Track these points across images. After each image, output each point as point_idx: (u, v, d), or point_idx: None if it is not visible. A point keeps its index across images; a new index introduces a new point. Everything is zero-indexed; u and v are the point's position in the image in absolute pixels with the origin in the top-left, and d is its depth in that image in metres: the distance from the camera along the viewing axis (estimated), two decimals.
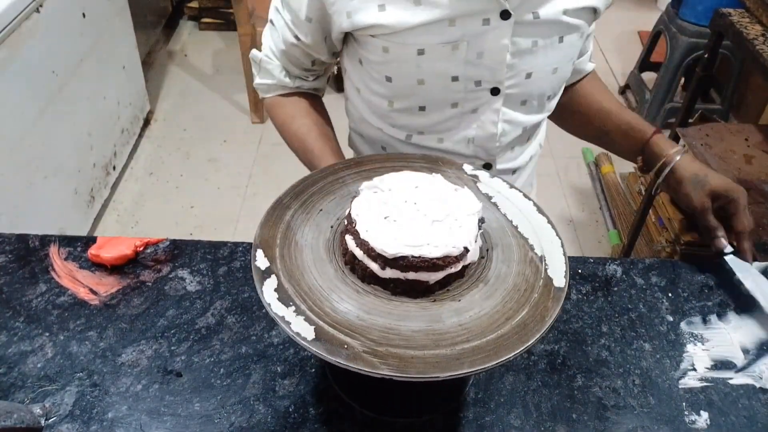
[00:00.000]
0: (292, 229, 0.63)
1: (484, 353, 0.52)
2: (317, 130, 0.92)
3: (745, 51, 1.48)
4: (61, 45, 1.89)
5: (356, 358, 0.51)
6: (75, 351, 0.74)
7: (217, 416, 0.68)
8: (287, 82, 0.93)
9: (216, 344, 0.75)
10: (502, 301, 0.58)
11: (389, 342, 0.53)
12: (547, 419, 0.69)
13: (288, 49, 0.89)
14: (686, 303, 0.83)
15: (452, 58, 0.78)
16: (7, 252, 0.86)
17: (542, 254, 0.62)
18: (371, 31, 0.78)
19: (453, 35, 0.77)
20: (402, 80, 0.82)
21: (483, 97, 0.84)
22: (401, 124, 0.89)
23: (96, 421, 0.67)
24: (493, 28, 0.77)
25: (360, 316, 0.55)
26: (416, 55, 0.78)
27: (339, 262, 0.61)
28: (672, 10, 2.56)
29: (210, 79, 3.03)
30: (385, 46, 0.79)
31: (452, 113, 0.85)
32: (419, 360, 0.52)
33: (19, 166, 1.70)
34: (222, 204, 2.36)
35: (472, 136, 0.88)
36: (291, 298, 0.56)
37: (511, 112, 0.87)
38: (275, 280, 0.57)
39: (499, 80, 0.82)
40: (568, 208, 2.41)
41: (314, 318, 0.54)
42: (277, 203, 0.66)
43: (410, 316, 0.56)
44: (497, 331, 0.55)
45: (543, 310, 0.56)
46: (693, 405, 0.71)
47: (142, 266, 0.85)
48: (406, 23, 0.76)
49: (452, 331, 0.55)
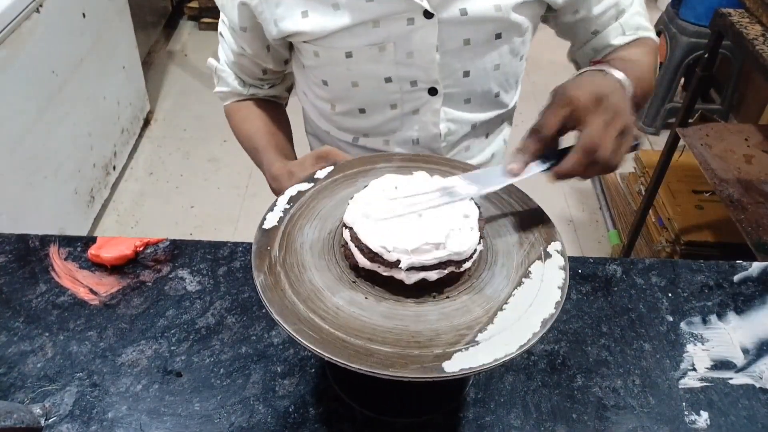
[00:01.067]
0: (292, 228, 0.63)
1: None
2: (265, 128, 0.93)
3: (745, 51, 1.48)
4: (61, 45, 1.89)
5: (356, 358, 0.51)
6: (75, 351, 0.74)
7: (217, 416, 0.68)
8: (241, 90, 0.95)
9: (216, 344, 0.75)
10: (517, 271, 0.59)
11: (389, 342, 0.53)
12: (547, 419, 0.69)
13: (237, 60, 0.91)
14: (686, 303, 0.83)
15: (381, 59, 0.79)
16: (7, 252, 0.86)
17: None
18: (298, 38, 0.80)
19: (378, 36, 0.77)
20: (337, 83, 0.84)
21: (422, 98, 0.84)
22: (346, 126, 0.91)
23: (96, 421, 0.67)
24: (419, 28, 0.77)
25: (360, 316, 0.55)
26: (345, 58, 0.79)
27: (339, 262, 0.61)
28: (672, 10, 2.56)
29: (210, 79, 3.02)
30: (316, 51, 0.81)
31: (393, 114, 0.86)
32: (419, 360, 0.52)
33: (19, 166, 1.70)
34: (222, 204, 2.36)
35: (416, 137, 0.88)
36: (278, 275, 0.57)
37: (454, 111, 0.87)
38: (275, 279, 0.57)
39: (434, 80, 0.82)
40: (568, 208, 2.41)
41: (314, 318, 0.54)
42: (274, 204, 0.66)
43: (411, 316, 0.56)
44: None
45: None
46: (693, 405, 0.71)
47: (142, 266, 0.85)
48: (326, 28, 0.77)
49: (452, 331, 0.55)
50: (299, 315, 0.54)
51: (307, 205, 0.66)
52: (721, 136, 1.66)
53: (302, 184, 0.68)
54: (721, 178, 1.52)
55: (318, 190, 0.68)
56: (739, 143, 1.64)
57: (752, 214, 1.42)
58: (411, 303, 0.57)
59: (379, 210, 0.59)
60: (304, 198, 0.67)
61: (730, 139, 1.65)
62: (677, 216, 1.86)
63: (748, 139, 1.66)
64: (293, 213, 0.65)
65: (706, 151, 1.59)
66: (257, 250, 0.60)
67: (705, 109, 2.50)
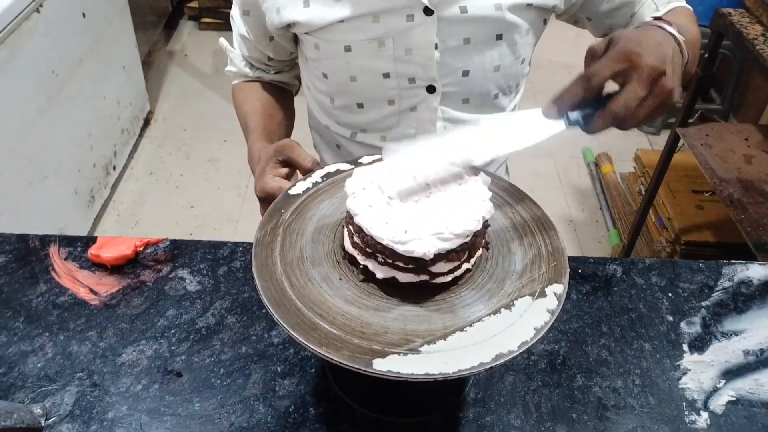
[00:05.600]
0: (312, 200, 0.65)
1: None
2: (261, 110, 0.94)
3: (745, 51, 1.48)
4: (61, 45, 1.89)
5: (298, 327, 0.52)
6: (75, 351, 0.74)
7: (217, 416, 0.68)
8: (247, 71, 0.97)
9: (216, 344, 0.75)
10: (501, 300, 0.57)
11: (337, 324, 0.53)
12: (547, 419, 0.69)
13: (244, 43, 0.92)
14: (686, 303, 0.83)
15: (380, 54, 0.79)
16: (7, 252, 0.86)
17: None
18: (298, 29, 0.81)
19: (377, 32, 0.77)
20: (336, 77, 0.84)
21: (420, 95, 0.84)
22: (344, 121, 0.91)
23: (96, 421, 0.67)
24: (418, 24, 0.77)
25: (325, 293, 0.56)
26: (344, 51, 0.80)
27: (336, 240, 0.61)
28: None
29: (210, 79, 3.03)
30: (316, 43, 0.81)
31: (390, 110, 0.86)
32: (355, 349, 0.51)
33: (19, 166, 1.70)
34: (222, 204, 2.36)
35: (413, 134, 0.88)
36: (275, 258, 0.57)
37: (452, 110, 0.87)
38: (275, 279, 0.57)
39: (432, 77, 0.82)
40: (568, 208, 2.41)
41: (284, 282, 0.55)
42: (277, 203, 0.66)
43: (370, 307, 0.56)
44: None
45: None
46: (693, 405, 0.71)
47: (142, 266, 0.85)
48: (326, 19, 0.77)
49: (401, 334, 0.54)
50: (273, 275, 0.57)
51: (336, 184, 0.67)
52: (721, 136, 1.66)
53: (344, 164, 0.70)
54: (721, 178, 1.52)
55: (349, 174, 0.65)
56: (739, 143, 1.64)
57: (752, 214, 1.42)
58: (411, 303, 0.57)
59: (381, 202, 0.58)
60: (338, 177, 0.68)
61: (730, 139, 1.65)
62: (677, 216, 1.86)
63: (748, 139, 1.66)
64: (321, 187, 0.67)
65: (706, 151, 1.59)
66: (272, 209, 0.63)
67: (705, 109, 2.50)
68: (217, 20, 3.37)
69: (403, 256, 0.54)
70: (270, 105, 0.95)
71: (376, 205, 0.57)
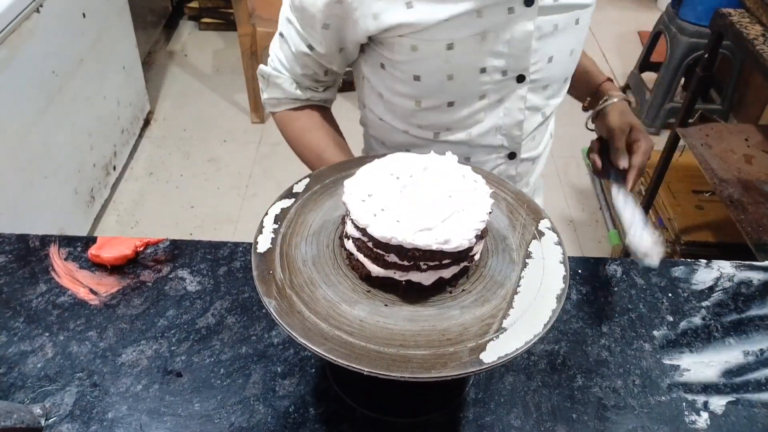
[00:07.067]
0: (288, 248, 0.62)
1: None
2: (334, 142, 0.92)
3: (745, 51, 1.48)
4: (61, 45, 1.89)
5: (395, 367, 0.51)
6: (75, 351, 0.74)
7: (217, 416, 0.68)
8: (298, 94, 0.92)
9: (216, 344, 0.75)
10: (513, 284, 0.59)
11: (422, 345, 0.53)
12: (547, 419, 0.69)
13: (301, 60, 0.88)
14: (686, 303, 0.83)
15: (480, 49, 0.79)
16: (7, 252, 0.86)
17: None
18: (399, 31, 0.78)
19: (480, 26, 0.78)
20: (430, 77, 0.82)
21: (510, 86, 0.85)
22: (429, 123, 0.89)
23: (96, 421, 0.67)
24: (518, 16, 0.78)
25: (386, 324, 0.55)
26: (445, 50, 0.79)
27: (348, 274, 0.60)
28: (672, 10, 2.56)
29: (210, 79, 3.03)
30: (414, 45, 0.79)
31: (480, 105, 0.86)
32: (457, 357, 0.52)
33: (19, 166, 1.70)
34: (222, 204, 2.36)
35: (500, 125, 0.89)
36: (290, 298, 0.56)
37: (534, 97, 0.88)
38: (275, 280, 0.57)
39: (524, 67, 0.83)
40: (568, 208, 2.41)
41: (314, 318, 0.54)
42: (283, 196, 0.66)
43: (434, 315, 0.56)
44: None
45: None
46: (693, 405, 0.71)
47: (142, 266, 0.85)
48: (434, 19, 0.76)
49: (478, 322, 0.55)
50: (324, 334, 0.53)
51: (295, 222, 0.64)
52: (721, 136, 1.66)
53: (283, 200, 0.67)
54: (721, 178, 1.52)
55: (301, 204, 0.66)
56: (739, 143, 1.64)
57: (752, 214, 1.42)
58: (430, 303, 0.57)
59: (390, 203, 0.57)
60: (290, 215, 0.65)
61: (730, 139, 1.65)
62: (677, 216, 1.86)
63: (748, 139, 1.66)
64: (284, 232, 0.63)
65: (706, 151, 1.59)
66: (259, 276, 0.58)
67: (705, 109, 2.50)
68: (217, 20, 3.37)
69: (447, 253, 0.55)
70: (333, 131, 0.94)
71: (380, 213, 0.56)
